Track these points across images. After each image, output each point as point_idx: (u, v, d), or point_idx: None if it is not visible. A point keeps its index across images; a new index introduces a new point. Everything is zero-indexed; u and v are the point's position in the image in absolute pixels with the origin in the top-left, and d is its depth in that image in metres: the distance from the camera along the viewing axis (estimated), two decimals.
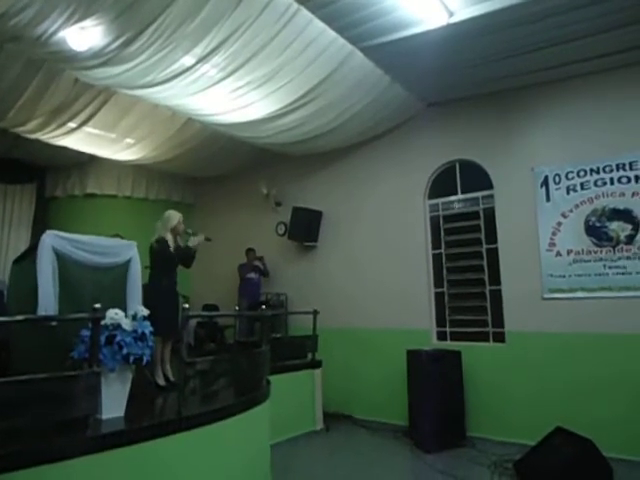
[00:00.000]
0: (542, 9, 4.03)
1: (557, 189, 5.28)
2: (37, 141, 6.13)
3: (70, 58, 4.23)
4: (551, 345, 5.11)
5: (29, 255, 3.36)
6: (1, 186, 7.35)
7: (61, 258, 3.24)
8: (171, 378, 4.11)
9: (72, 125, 5.68)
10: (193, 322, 7.38)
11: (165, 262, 4.12)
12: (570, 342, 5.01)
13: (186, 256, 4.32)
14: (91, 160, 7.28)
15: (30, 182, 7.68)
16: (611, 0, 3.95)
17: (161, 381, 4.01)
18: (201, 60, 4.34)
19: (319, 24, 4.23)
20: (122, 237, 4.74)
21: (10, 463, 2.27)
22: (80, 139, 6.14)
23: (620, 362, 4.73)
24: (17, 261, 3.80)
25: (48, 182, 7.84)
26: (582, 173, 5.17)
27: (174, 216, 4.27)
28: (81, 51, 4.03)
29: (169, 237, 4.17)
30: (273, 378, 4.53)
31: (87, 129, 5.84)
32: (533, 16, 4.14)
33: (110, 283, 3.54)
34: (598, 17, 4.18)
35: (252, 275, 7.32)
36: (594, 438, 3.92)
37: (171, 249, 4.14)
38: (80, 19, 3.62)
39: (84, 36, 3.83)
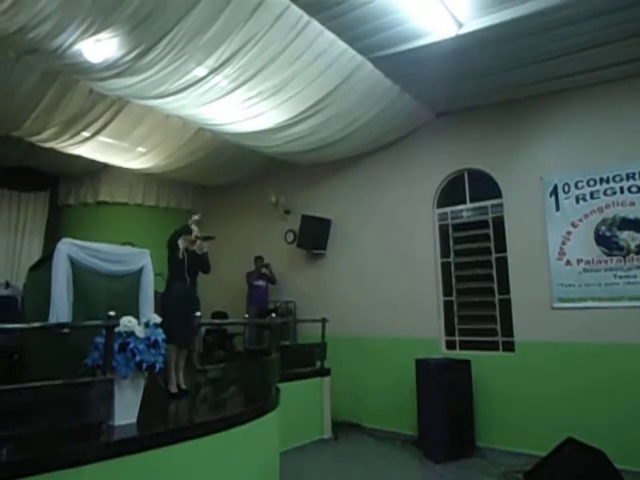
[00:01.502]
0: (551, 20, 4.06)
1: (566, 198, 5.28)
2: (51, 150, 6.24)
3: (85, 70, 4.32)
4: (561, 355, 5.08)
5: (45, 262, 3.42)
6: (15, 194, 7.48)
7: (76, 266, 3.29)
8: (182, 386, 4.13)
9: (86, 134, 5.78)
10: (202, 329, 7.42)
11: (174, 266, 4.22)
12: (580, 352, 4.98)
13: (197, 261, 4.39)
14: (103, 168, 7.39)
15: (44, 190, 7.80)
16: (621, 10, 3.97)
17: (173, 389, 4.04)
18: (213, 71, 4.41)
19: (330, 35, 4.30)
20: (133, 245, 4.79)
21: (24, 469, 2.31)
22: (93, 148, 6.24)
23: (632, 373, 4.69)
24: (33, 268, 3.87)
25: (61, 190, 7.96)
26: (592, 182, 5.16)
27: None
28: (96, 63, 4.12)
29: (180, 242, 4.28)
30: (282, 386, 4.55)
31: (100, 138, 5.94)
32: (542, 27, 4.17)
33: (123, 290, 3.59)
34: (607, 27, 4.20)
35: (260, 283, 7.35)
36: (606, 449, 3.88)
37: (180, 252, 4.22)
38: (96, 32, 3.70)
39: (100, 48, 3.92)
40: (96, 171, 7.53)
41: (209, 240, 4.47)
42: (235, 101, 4.96)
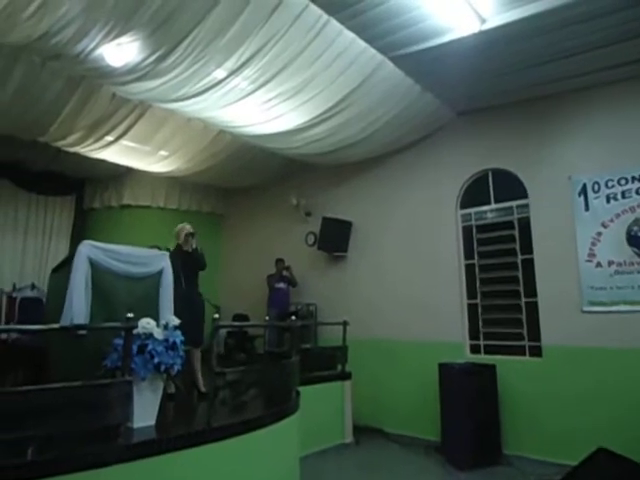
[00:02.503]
0: (577, 14, 3.93)
1: (596, 198, 5.09)
2: (76, 154, 6.35)
3: (107, 74, 4.38)
4: (592, 361, 4.89)
5: (66, 264, 3.46)
6: (42, 198, 7.64)
7: (96, 267, 3.31)
8: (202, 389, 4.12)
9: (109, 138, 5.86)
10: (223, 332, 7.45)
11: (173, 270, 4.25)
12: (612, 358, 4.78)
13: (190, 260, 4.44)
14: (127, 172, 7.50)
15: (70, 194, 7.96)
16: None
17: (170, 389, 4.00)
18: (233, 73, 4.41)
19: (349, 35, 4.24)
20: (160, 248, 4.79)
21: (44, 470, 2.32)
22: (117, 152, 6.33)
23: None
24: (55, 270, 3.93)
25: (87, 194, 8.11)
26: (623, 181, 4.96)
27: (177, 226, 4.62)
28: (118, 67, 4.17)
29: (173, 245, 4.48)
30: (302, 389, 4.50)
31: (123, 142, 6.01)
32: (568, 21, 4.04)
33: (143, 293, 3.60)
34: (637, 19, 4.04)
35: (281, 285, 7.33)
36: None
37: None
38: (117, 35, 3.74)
39: (121, 52, 3.96)
40: (120, 175, 7.66)
41: (193, 237, 4.53)
42: (255, 103, 4.95)
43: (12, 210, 7.29)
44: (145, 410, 2.93)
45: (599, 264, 4.99)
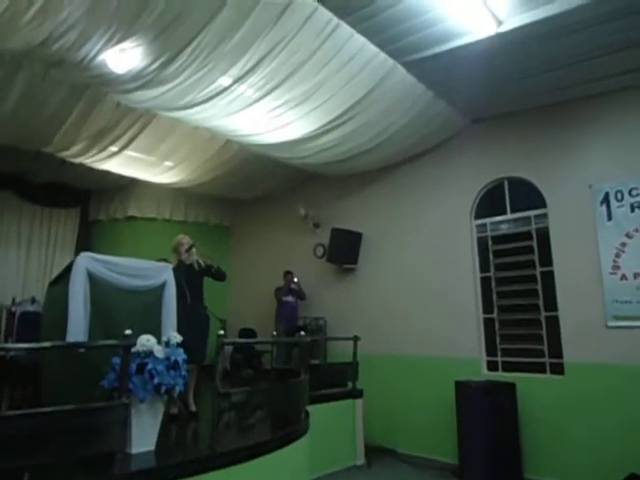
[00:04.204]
0: (598, 14, 3.75)
1: (619, 207, 4.85)
2: (81, 165, 6.23)
3: (111, 81, 4.25)
4: (618, 379, 4.61)
5: (64, 277, 3.29)
6: (47, 210, 7.52)
7: (94, 280, 3.13)
8: (192, 407, 3.93)
9: (113, 149, 5.74)
10: (230, 347, 7.23)
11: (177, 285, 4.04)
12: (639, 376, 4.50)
13: (195, 274, 4.27)
14: (132, 184, 7.37)
15: (74, 206, 7.83)
16: None
17: (173, 410, 3.82)
18: (238, 80, 4.27)
19: (360, 39, 4.10)
20: (168, 262, 4.62)
21: None
22: (121, 163, 6.21)
23: None
24: (52, 283, 3.76)
25: (91, 206, 7.98)
26: None
27: (174, 241, 4.44)
28: (121, 74, 4.04)
29: (173, 259, 4.27)
30: (311, 408, 4.29)
31: (128, 152, 5.88)
32: (589, 21, 3.86)
33: (145, 307, 3.41)
34: None
35: (289, 298, 7.13)
36: None
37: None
38: (120, 40, 3.62)
39: (124, 58, 3.84)
40: (125, 186, 7.52)
41: (193, 249, 4.37)
42: (261, 111, 4.81)
43: (15, 222, 7.16)
44: (144, 435, 2.72)
45: (624, 276, 4.74)
